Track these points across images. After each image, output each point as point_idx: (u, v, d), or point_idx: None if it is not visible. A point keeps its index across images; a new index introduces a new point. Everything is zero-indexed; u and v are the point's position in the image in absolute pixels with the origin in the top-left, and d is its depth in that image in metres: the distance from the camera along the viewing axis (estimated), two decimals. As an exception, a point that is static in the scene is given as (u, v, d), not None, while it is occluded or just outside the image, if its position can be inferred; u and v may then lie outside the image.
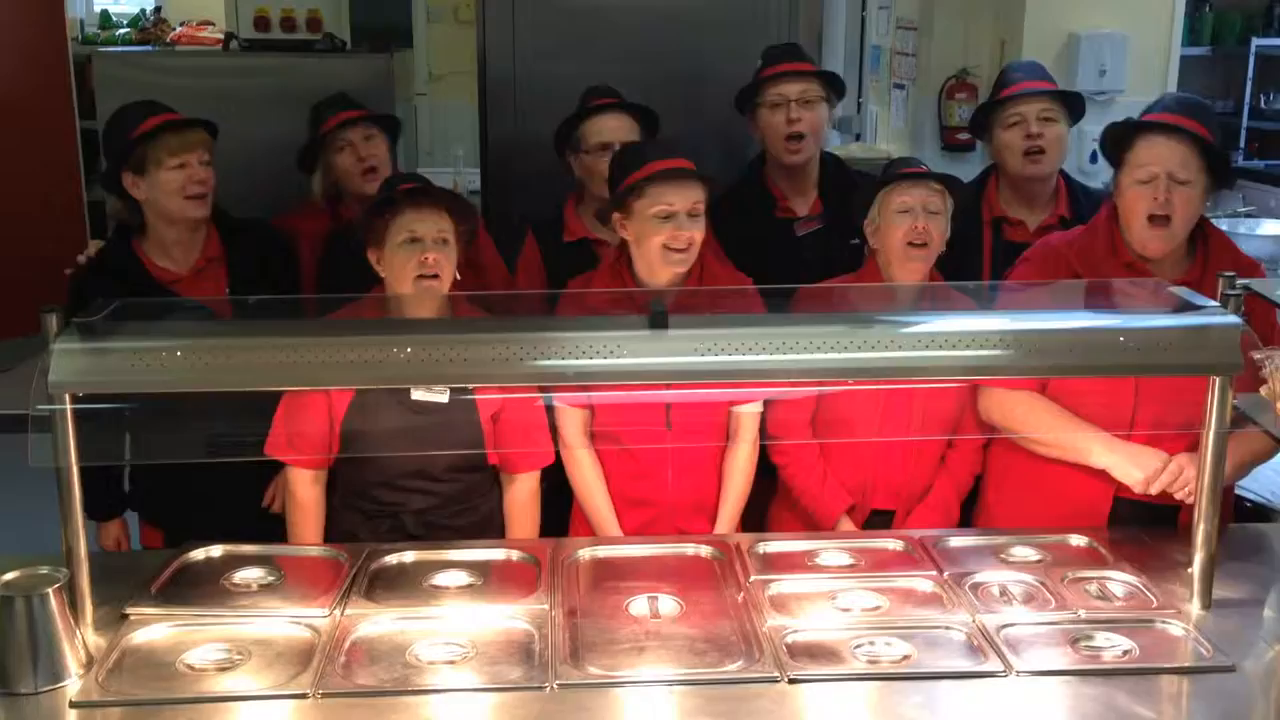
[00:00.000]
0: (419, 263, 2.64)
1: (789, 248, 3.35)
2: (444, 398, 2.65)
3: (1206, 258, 2.73)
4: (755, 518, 3.00)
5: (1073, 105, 3.33)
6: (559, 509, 2.94)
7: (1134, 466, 2.62)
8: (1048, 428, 2.71)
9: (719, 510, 2.88)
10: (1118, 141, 2.73)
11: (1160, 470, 2.58)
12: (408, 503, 2.77)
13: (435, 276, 2.66)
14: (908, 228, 2.78)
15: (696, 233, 2.75)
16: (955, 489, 2.93)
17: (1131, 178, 2.66)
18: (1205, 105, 2.89)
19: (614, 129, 3.29)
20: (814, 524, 2.90)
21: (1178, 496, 2.59)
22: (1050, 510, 2.73)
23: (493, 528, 2.84)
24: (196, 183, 2.99)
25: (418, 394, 2.65)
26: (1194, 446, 2.57)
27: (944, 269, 2.94)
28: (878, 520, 2.92)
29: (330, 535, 2.77)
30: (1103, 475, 2.69)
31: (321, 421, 2.69)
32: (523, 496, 2.83)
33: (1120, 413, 2.67)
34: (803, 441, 2.88)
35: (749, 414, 2.85)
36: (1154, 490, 2.60)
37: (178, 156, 2.97)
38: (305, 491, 2.76)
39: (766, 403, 2.83)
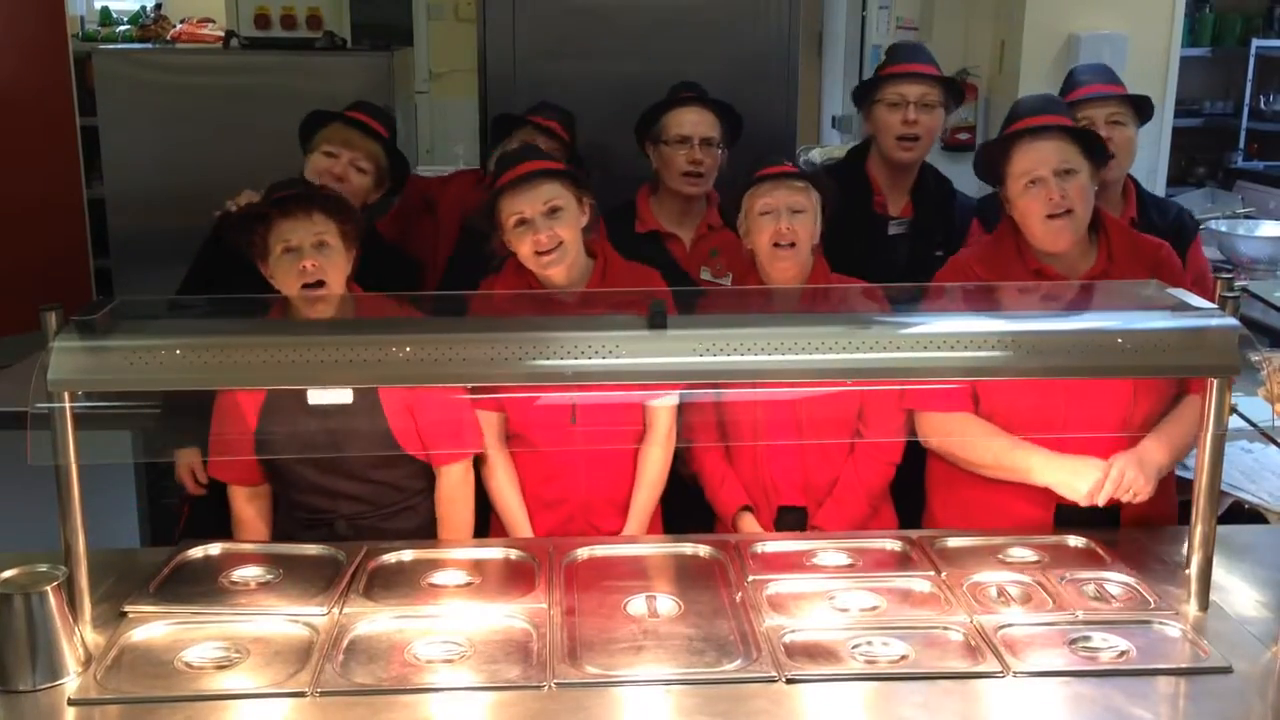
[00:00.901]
0: (299, 271, 2.59)
1: (879, 242, 3.36)
2: (346, 398, 2.61)
3: (1110, 249, 2.75)
4: (685, 516, 2.97)
5: (1142, 108, 3.27)
6: (479, 515, 2.89)
7: (1076, 481, 2.62)
8: (985, 450, 2.72)
9: (630, 507, 2.87)
10: (992, 160, 2.76)
11: (1102, 480, 2.58)
12: (337, 508, 2.74)
13: (320, 284, 2.60)
14: (772, 230, 2.80)
15: (560, 229, 2.73)
16: (862, 484, 2.89)
17: (1019, 185, 2.68)
18: (1056, 99, 2.91)
19: (694, 123, 3.33)
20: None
21: (1124, 499, 2.60)
22: (995, 521, 2.72)
23: (432, 534, 2.79)
24: (332, 175, 3.13)
25: (316, 397, 2.61)
26: (1130, 445, 2.62)
27: None
28: (789, 517, 2.89)
29: None
30: (1042, 489, 2.68)
31: (241, 436, 2.66)
32: (447, 489, 2.78)
33: (1051, 419, 2.66)
34: (709, 453, 2.89)
35: (662, 408, 2.83)
36: (1100, 502, 2.60)
37: (330, 145, 3.19)
38: (242, 508, 2.78)
39: (680, 405, 2.81)
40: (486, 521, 2.92)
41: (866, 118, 3.45)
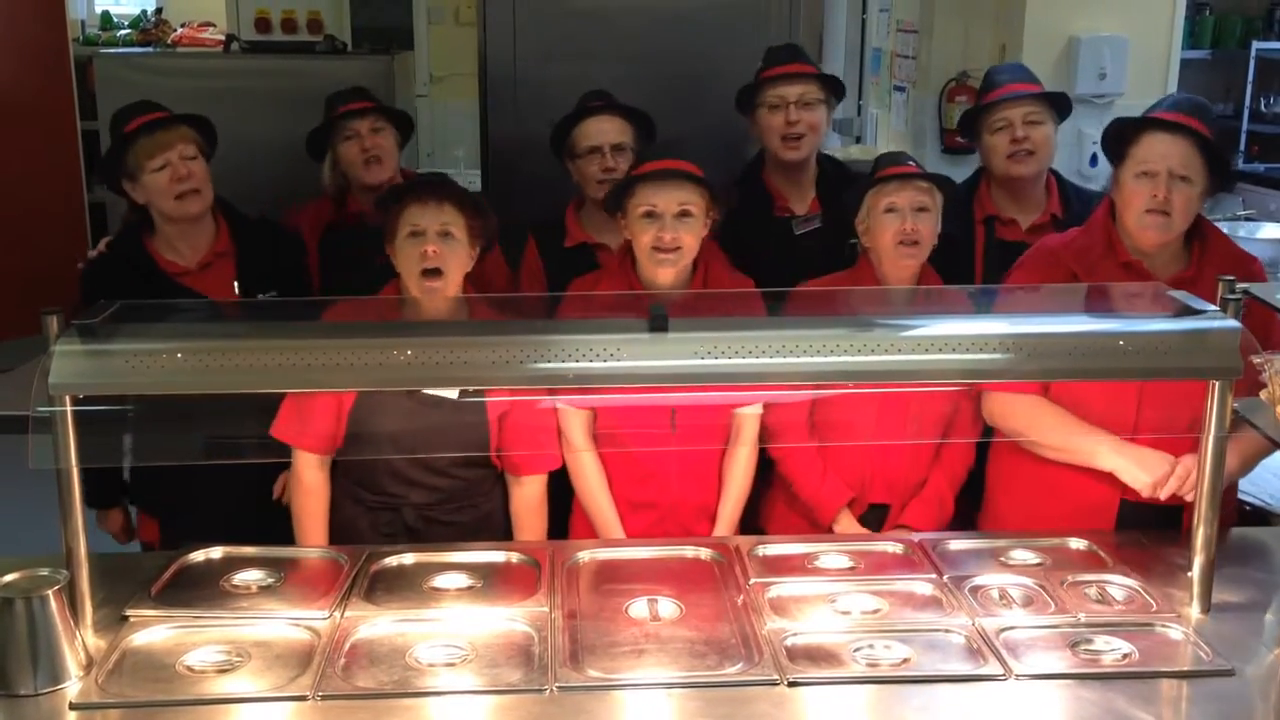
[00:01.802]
0: (420, 255, 2.65)
1: (787, 247, 3.37)
2: (454, 393, 2.64)
3: (1203, 256, 2.74)
4: (751, 517, 3.00)
5: (1059, 105, 3.33)
6: (559, 511, 2.93)
7: (1141, 470, 2.62)
8: (1053, 431, 2.71)
9: (718, 512, 2.89)
10: (1120, 137, 2.73)
11: (1168, 474, 2.59)
12: (409, 495, 2.77)
13: (438, 271, 2.66)
14: (897, 228, 2.81)
15: (685, 234, 2.76)
16: (950, 482, 2.94)
17: (1133, 172, 2.66)
18: (1207, 107, 2.91)
19: (604, 131, 3.30)
20: (811, 520, 2.91)
21: (1188, 498, 2.59)
22: (1058, 512, 2.73)
23: (491, 526, 2.83)
24: (180, 180, 3.02)
25: (428, 388, 2.63)
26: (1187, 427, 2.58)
27: (936, 268, 2.95)
28: (873, 514, 2.92)
29: (330, 527, 2.78)
30: (1110, 477, 2.69)
31: (329, 408, 2.69)
32: (530, 500, 2.83)
33: (1123, 416, 2.67)
34: (800, 445, 2.88)
35: (750, 415, 2.86)
36: (1162, 495, 2.60)
37: (157, 158, 3.02)
38: (312, 476, 2.76)
39: (765, 404, 2.84)
40: (565, 521, 2.94)
41: (752, 124, 3.46)
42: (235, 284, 3.10)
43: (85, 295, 3.21)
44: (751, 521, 3.00)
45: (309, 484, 2.76)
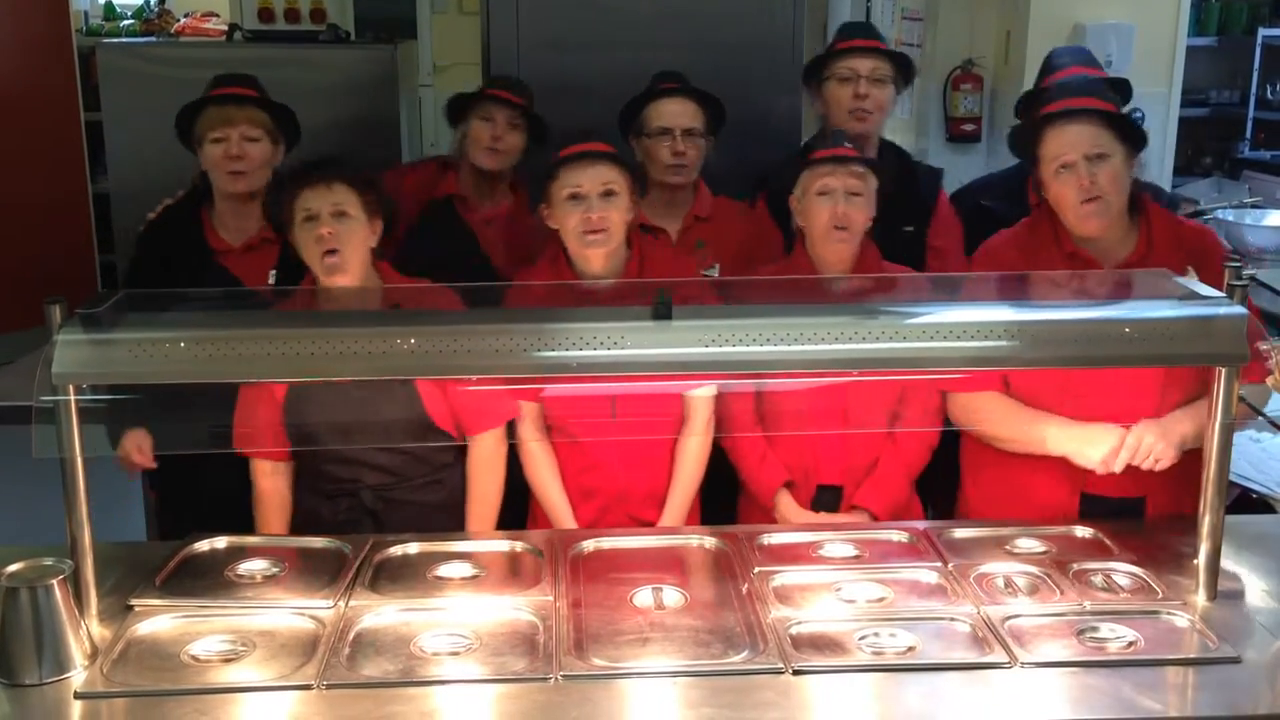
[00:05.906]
0: (316, 239, 2.63)
1: None
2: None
3: (1150, 236, 2.72)
4: (724, 508, 2.98)
5: (1121, 91, 3.26)
6: (518, 506, 2.90)
7: (1089, 449, 2.61)
8: (1002, 423, 2.72)
9: (667, 499, 2.87)
10: (1025, 141, 2.74)
11: (1117, 448, 2.57)
12: (363, 478, 2.76)
13: (335, 252, 2.63)
14: (829, 211, 2.79)
15: (612, 212, 2.75)
16: (903, 465, 2.90)
17: (1051, 170, 2.66)
18: (1097, 80, 2.88)
19: (675, 114, 3.30)
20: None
21: (1144, 467, 2.58)
22: (1020, 507, 2.73)
23: (460, 506, 2.81)
24: (232, 158, 3.09)
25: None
26: (1153, 415, 2.59)
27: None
28: (826, 495, 2.90)
29: (297, 520, 2.78)
30: (1067, 474, 2.68)
31: (268, 410, 2.68)
32: (478, 457, 2.79)
33: (1081, 410, 2.65)
34: (747, 435, 2.87)
35: (701, 398, 2.83)
36: (1116, 468, 2.59)
37: (216, 130, 3.11)
38: (264, 483, 2.78)
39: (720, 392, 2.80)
40: (524, 512, 2.92)
41: (816, 96, 3.43)
42: (273, 273, 3.08)
43: (136, 257, 3.32)
44: (723, 514, 2.97)
45: (261, 490, 2.78)
